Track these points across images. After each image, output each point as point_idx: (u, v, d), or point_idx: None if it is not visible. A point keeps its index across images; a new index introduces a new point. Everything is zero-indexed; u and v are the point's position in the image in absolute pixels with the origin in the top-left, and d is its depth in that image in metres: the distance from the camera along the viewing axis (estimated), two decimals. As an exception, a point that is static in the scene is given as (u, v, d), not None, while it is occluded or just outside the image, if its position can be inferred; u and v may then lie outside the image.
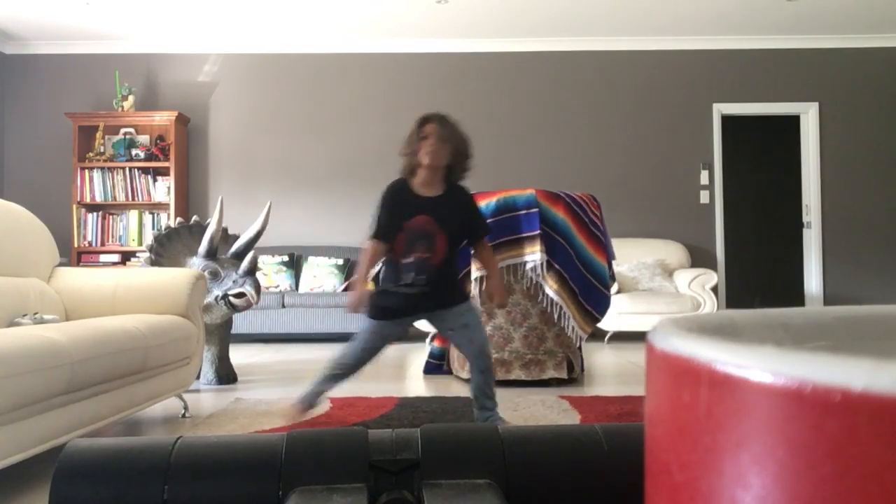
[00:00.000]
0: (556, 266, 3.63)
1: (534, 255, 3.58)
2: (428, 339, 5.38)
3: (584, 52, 6.91)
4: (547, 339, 3.72)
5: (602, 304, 3.80)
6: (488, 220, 3.53)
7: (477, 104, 6.88)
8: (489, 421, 2.62)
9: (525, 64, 6.93)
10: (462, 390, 3.59)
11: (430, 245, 2.49)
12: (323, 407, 3.11)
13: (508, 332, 3.71)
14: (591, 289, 3.74)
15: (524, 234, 3.60)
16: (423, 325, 4.65)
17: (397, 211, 2.52)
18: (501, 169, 6.81)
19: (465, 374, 3.81)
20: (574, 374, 3.82)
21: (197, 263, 3.71)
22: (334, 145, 6.89)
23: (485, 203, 3.63)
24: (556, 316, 3.71)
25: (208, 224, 3.80)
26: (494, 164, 6.82)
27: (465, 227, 2.58)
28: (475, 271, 3.63)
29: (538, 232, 3.59)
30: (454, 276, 2.68)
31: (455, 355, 3.97)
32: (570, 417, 2.87)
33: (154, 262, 3.72)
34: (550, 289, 3.63)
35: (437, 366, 4.15)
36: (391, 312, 2.58)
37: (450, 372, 4.08)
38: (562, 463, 1.03)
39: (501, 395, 3.37)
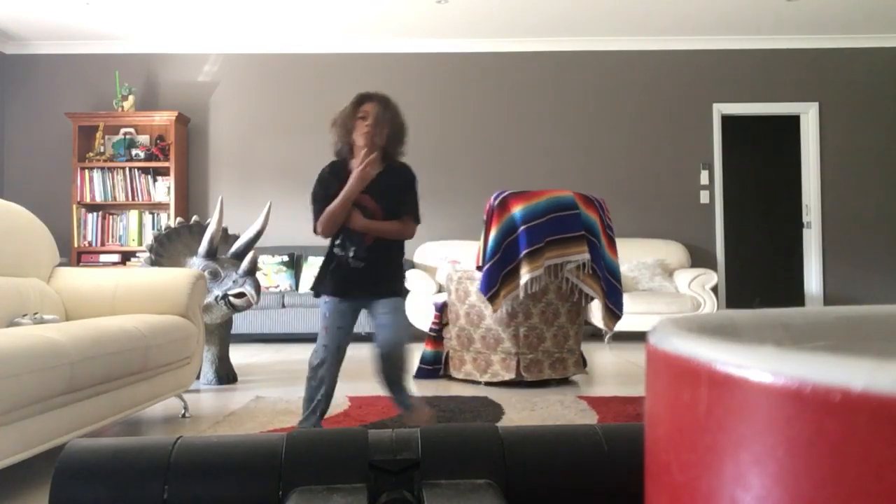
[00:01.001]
0: (594, 265, 3.76)
1: (581, 254, 3.69)
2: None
3: (584, 52, 6.91)
4: (570, 338, 3.83)
5: (621, 302, 3.92)
6: (539, 221, 3.63)
7: (477, 104, 6.88)
8: (405, 405, 2.54)
9: (525, 64, 6.93)
10: (464, 390, 3.59)
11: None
12: (342, 406, 3.13)
13: (542, 331, 3.75)
14: (612, 287, 3.87)
15: (569, 235, 3.71)
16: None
17: (334, 189, 2.42)
18: (501, 168, 6.81)
19: (461, 375, 3.83)
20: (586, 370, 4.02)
21: (197, 263, 3.71)
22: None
23: (534, 203, 3.72)
24: (590, 315, 3.85)
25: (208, 224, 3.80)
26: (494, 164, 6.82)
27: (398, 205, 2.45)
28: (524, 273, 3.62)
29: (582, 233, 3.72)
30: (394, 262, 2.52)
31: (451, 357, 3.97)
32: (588, 417, 2.88)
33: (154, 262, 3.72)
34: (590, 287, 3.75)
35: (430, 371, 4.06)
36: (338, 285, 2.47)
37: (446, 375, 4.06)
38: (562, 463, 1.03)
39: (520, 395, 3.40)
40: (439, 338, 4.09)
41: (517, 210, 3.69)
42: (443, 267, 3.82)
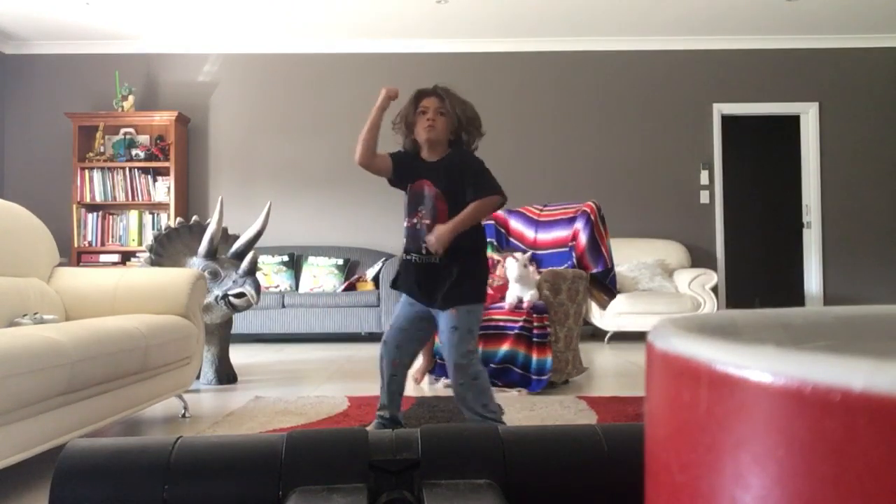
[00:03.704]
0: None
1: None
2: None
3: (584, 52, 6.91)
4: (573, 338, 3.92)
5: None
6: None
7: (476, 104, 6.86)
8: None
9: (525, 64, 6.93)
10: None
11: (431, 211, 2.36)
12: (342, 406, 3.13)
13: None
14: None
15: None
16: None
17: (403, 163, 2.43)
18: (501, 168, 6.80)
19: (564, 377, 3.74)
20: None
21: (197, 263, 3.71)
22: (334, 145, 6.89)
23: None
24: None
25: (208, 224, 3.81)
26: (493, 164, 6.81)
27: (461, 191, 2.37)
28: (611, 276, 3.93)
29: None
30: (457, 267, 2.35)
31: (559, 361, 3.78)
32: (587, 418, 2.87)
33: (154, 262, 3.72)
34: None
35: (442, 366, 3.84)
36: (403, 282, 2.44)
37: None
38: (562, 463, 1.03)
39: (520, 395, 3.39)
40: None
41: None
42: (513, 265, 3.67)
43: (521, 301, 3.61)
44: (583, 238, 3.95)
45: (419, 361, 3.92)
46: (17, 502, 1.91)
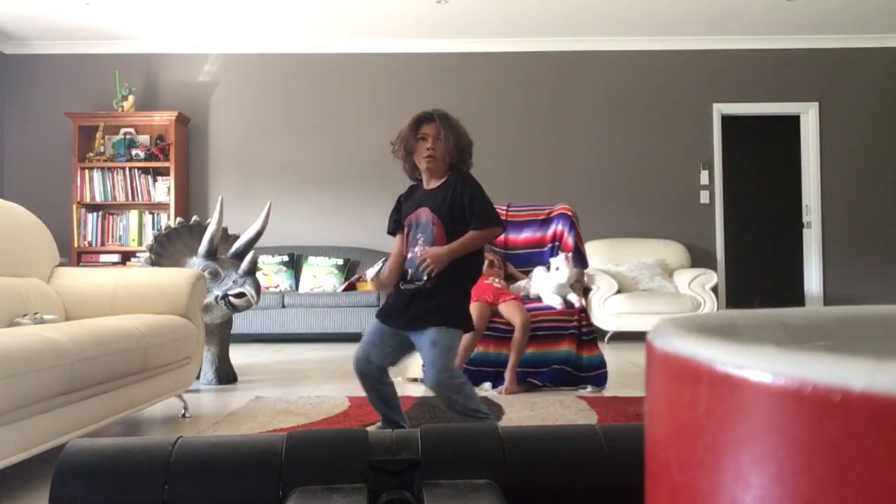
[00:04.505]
0: None
1: None
2: None
3: (584, 52, 6.91)
4: None
5: None
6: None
7: (477, 104, 6.87)
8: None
9: (525, 64, 6.93)
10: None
11: (429, 238, 2.34)
12: (342, 406, 3.13)
13: None
14: None
15: None
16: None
17: (403, 205, 2.45)
18: (501, 169, 6.81)
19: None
20: None
21: (197, 263, 3.71)
22: (334, 145, 6.89)
23: None
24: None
25: (208, 224, 3.81)
26: (494, 164, 6.82)
27: (460, 215, 2.33)
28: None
29: None
30: (450, 288, 2.32)
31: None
32: (587, 418, 2.87)
33: (154, 262, 3.72)
34: None
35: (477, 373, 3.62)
36: (385, 312, 2.42)
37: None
38: (562, 463, 1.03)
39: (520, 395, 3.40)
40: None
41: None
42: (564, 266, 3.75)
43: (565, 301, 3.74)
44: (569, 240, 4.00)
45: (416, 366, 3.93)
46: (17, 502, 1.91)
